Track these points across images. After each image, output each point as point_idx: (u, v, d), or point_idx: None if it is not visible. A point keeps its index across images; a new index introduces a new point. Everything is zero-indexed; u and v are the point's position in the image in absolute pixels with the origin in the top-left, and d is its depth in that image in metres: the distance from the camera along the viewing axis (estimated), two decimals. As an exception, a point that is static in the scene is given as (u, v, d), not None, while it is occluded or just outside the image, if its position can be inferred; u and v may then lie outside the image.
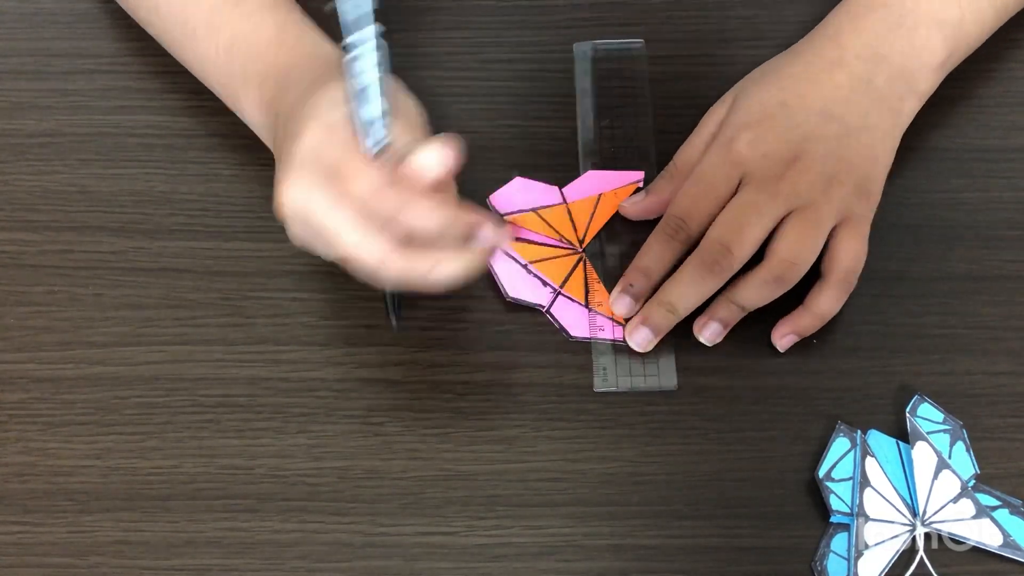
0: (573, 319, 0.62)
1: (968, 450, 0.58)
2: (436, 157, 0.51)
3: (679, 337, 0.61)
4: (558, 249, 0.64)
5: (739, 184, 0.60)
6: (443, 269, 0.51)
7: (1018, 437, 0.59)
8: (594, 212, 0.65)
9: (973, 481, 0.57)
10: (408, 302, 0.61)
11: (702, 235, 0.60)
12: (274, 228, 0.65)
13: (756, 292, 0.59)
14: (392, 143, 0.52)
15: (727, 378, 0.60)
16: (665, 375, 0.60)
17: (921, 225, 0.64)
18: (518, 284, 0.62)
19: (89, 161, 0.67)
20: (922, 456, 0.57)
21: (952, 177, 0.66)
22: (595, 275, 0.63)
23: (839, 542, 0.56)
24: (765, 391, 0.60)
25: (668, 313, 0.60)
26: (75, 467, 0.59)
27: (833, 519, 0.56)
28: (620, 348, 0.61)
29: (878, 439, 0.58)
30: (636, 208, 0.64)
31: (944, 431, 0.58)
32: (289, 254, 0.64)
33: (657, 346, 0.60)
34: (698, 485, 0.58)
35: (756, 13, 0.71)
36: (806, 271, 0.59)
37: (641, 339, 0.60)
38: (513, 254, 0.63)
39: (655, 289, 0.61)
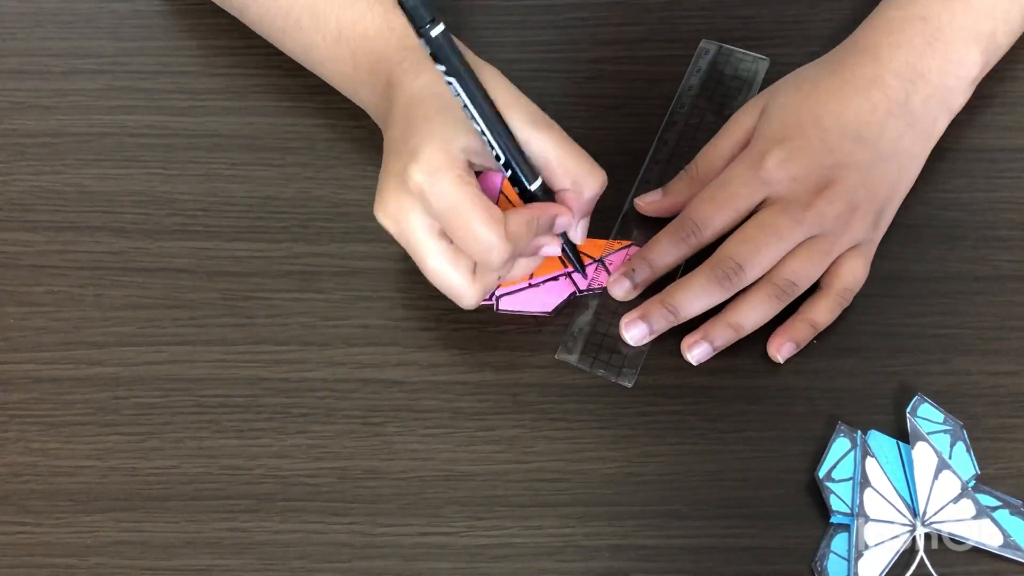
0: (558, 290, 0.62)
1: (968, 450, 0.58)
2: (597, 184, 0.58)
3: (678, 337, 0.61)
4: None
5: (762, 201, 0.60)
6: (513, 274, 0.60)
7: (1018, 437, 0.59)
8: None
9: (973, 481, 0.57)
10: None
11: (712, 240, 0.60)
12: (274, 228, 0.65)
13: (755, 310, 0.59)
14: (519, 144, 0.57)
15: (727, 378, 0.60)
16: (627, 372, 0.60)
17: (921, 225, 0.64)
18: (533, 303, 0.62)
19: (89, 161, 0.67)
20: (922, 456, 0.57)
21: (952, 177, 0.65)
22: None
23: (839, 542, 0.56)
24: (765, 391, 0.60)
25: (669, 314, 0.60)
26: (75, 467, 0.59)
27: (833, 519, 0.56)
28: (597, 329, 0.61)
29: (878, 439, 0.58)
30: (651, 207, 0.64)
31: (944, 431, 0.58)
32: (289, 254, 0.64)
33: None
34: (698, 485, 0.58)
35: (757, 13, 0.71)
36: (806, 289, 0.60)
37: (637, 334, 0.60)
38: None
39: (656, 286, 0.61)
